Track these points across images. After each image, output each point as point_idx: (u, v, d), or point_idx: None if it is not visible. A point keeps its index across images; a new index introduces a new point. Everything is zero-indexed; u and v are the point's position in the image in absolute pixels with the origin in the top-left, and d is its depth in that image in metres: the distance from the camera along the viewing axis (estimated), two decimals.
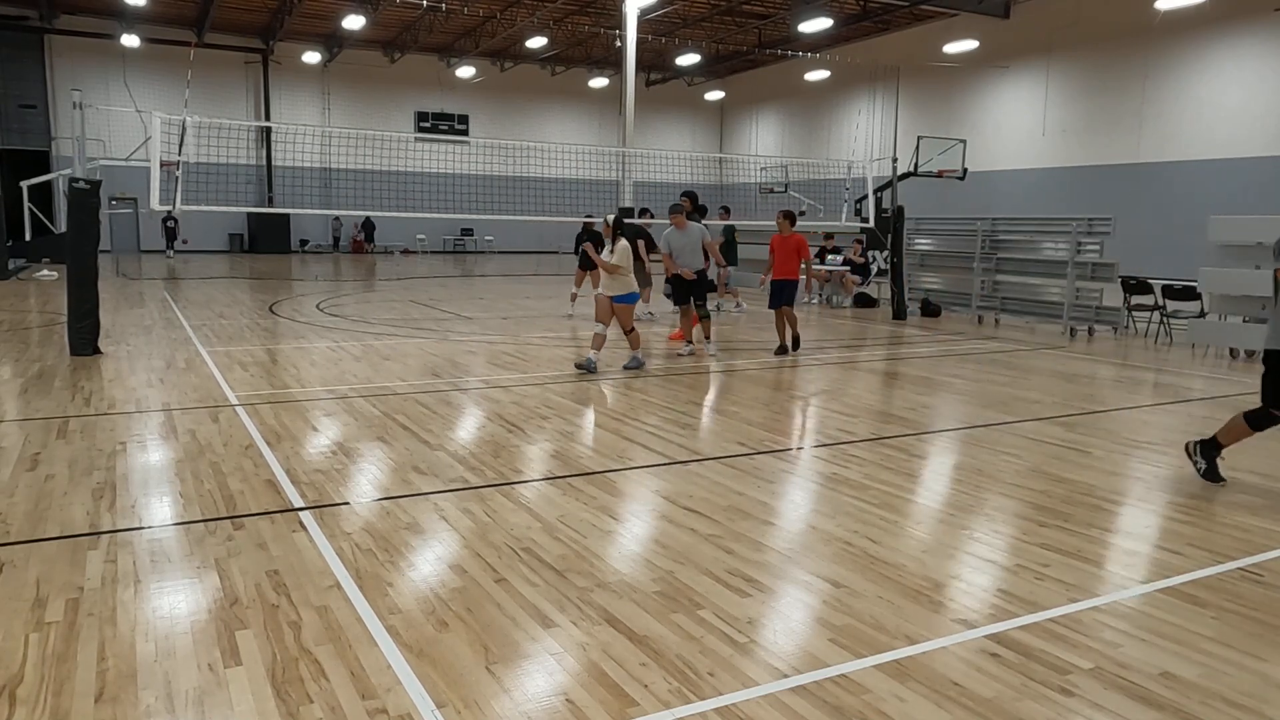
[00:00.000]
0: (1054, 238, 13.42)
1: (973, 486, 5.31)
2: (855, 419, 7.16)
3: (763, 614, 3.52)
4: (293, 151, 28.41)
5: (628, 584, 3.77)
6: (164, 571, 3.83)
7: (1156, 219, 22.59)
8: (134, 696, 2.83)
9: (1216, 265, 11.43)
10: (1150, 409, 7.84)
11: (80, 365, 8.95)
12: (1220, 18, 21.74)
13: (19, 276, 20.02)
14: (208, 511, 4.62)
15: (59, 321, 11.89)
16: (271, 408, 7.15)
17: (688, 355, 10.38)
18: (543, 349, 10.92)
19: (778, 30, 31.67)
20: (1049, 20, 25.97)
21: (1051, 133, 26.29)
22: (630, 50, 26.41)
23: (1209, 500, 5.12)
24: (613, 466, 5.63)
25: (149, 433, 6.25)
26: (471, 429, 6.68)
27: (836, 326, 14.12)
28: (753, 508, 4.83)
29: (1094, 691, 2.94)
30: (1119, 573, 4.00)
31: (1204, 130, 22.45)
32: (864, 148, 30.88)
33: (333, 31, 31.68)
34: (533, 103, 37.95)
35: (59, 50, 30.34)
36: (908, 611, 3.54)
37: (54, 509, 4.61)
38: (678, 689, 2.92)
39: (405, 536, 4.30)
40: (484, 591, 3.67)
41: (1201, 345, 11.64)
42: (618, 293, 9.22)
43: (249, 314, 13.89)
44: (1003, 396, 8.16)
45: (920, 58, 29.38)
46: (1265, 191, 20.60)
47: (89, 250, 9.58)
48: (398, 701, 2.82)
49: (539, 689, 2.92)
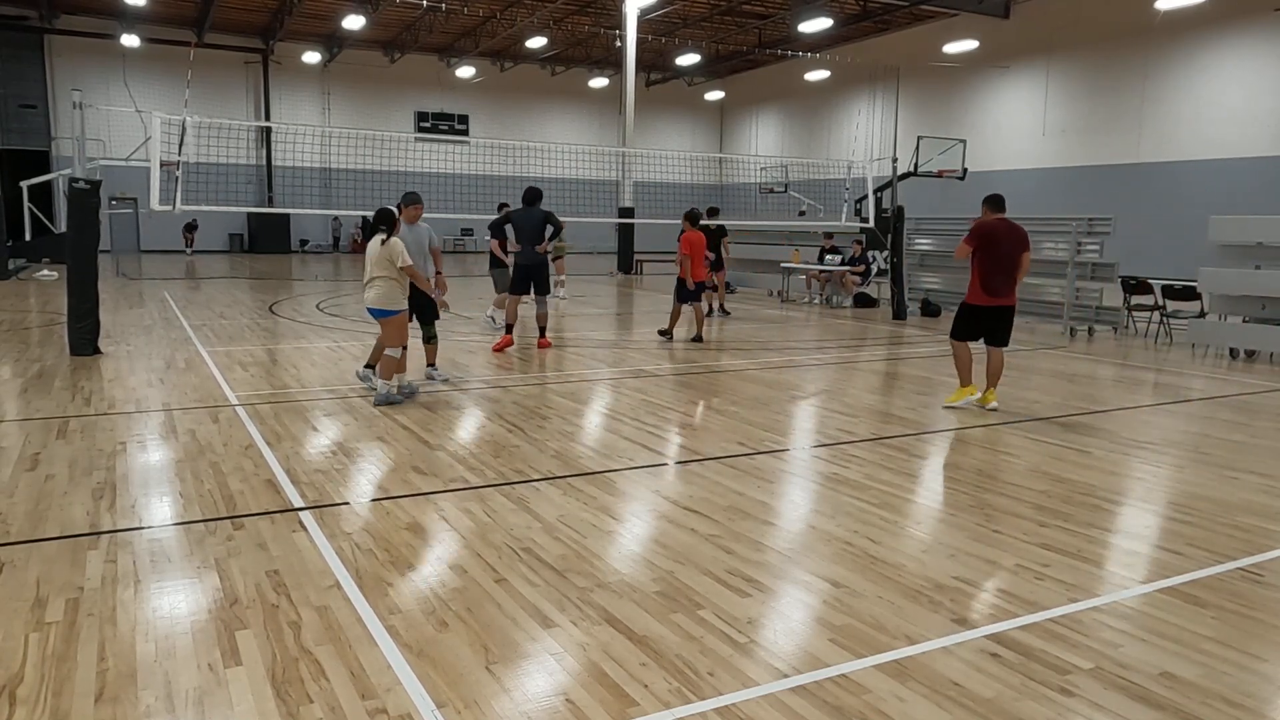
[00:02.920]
0: (1054, 238, 13.42)
1: (973, 486, 5.31)
2: (855, 419, 7.16)
3: (763, 614, 3.52)
4: (293, 151, 28.39)
5: (628, 584, 3.77)
6: (164, 571, 3.83)
7: (1156, 219, 22.59)
8: (134, 696, 2.83)
9: (1216, 265, 11.44)
10: (1150, 409, 7.84)
11: (80, 365, 8.95)
12: (1220, 18, 21.74)
13: (19, 276, 20.01)
14: (208, 511, 4.62)
15: (59, 321, 11.89)
16: (271, 408, 7.15)
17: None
18: (542, 348, 10.91)
19: (778, 30, 31.67)
20: (1049, 20, 25.97)
21: (1051, 133, 26.29)
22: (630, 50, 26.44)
23: (1209, 500, 5.12)
24: (613, 466, 5.63)
25: (149, 433, 6.25)
26: (471, 429, 6.67)
27: (836, 326, 14.12)
28: (753, 508, 4.82)
29: (1094, 691, 2.94)
30: (1119, 573, 4.00)
31: (1204, 130, 22.45)
32: (864, 148, 30.88)
33: (333, 31, 31.68)
34: (533, 103, 37.95)
35: (59, 50, 30.34)
36: (908, 611, 3.54)
37: (54, 509, 4.61)
38: (678, 689, 2.91)
39: (405, 536, 4.30)
40: (484, 591, 3.67)
41: (1201, 345, 11.64)
42: (373, 305, 7.26)
43: (249, 314, 13.89)
44: (1003, 396, 8.15)
45: (920, 58, 29.38)
46: (1265, 191, 20.61)
47: (89, 250, 9.58)
48: (398, 701, 2.82)
49: (539, 689, 2.92)
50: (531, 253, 10.21)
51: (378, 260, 7.13)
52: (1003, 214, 7.52)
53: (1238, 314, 11.28)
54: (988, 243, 7.35)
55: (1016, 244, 7.38)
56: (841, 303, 17.36)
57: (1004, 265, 7.37)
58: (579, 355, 10.42)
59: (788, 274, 18.62)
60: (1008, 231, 7.39)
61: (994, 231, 7.36)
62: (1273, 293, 10.69)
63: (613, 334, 12.36)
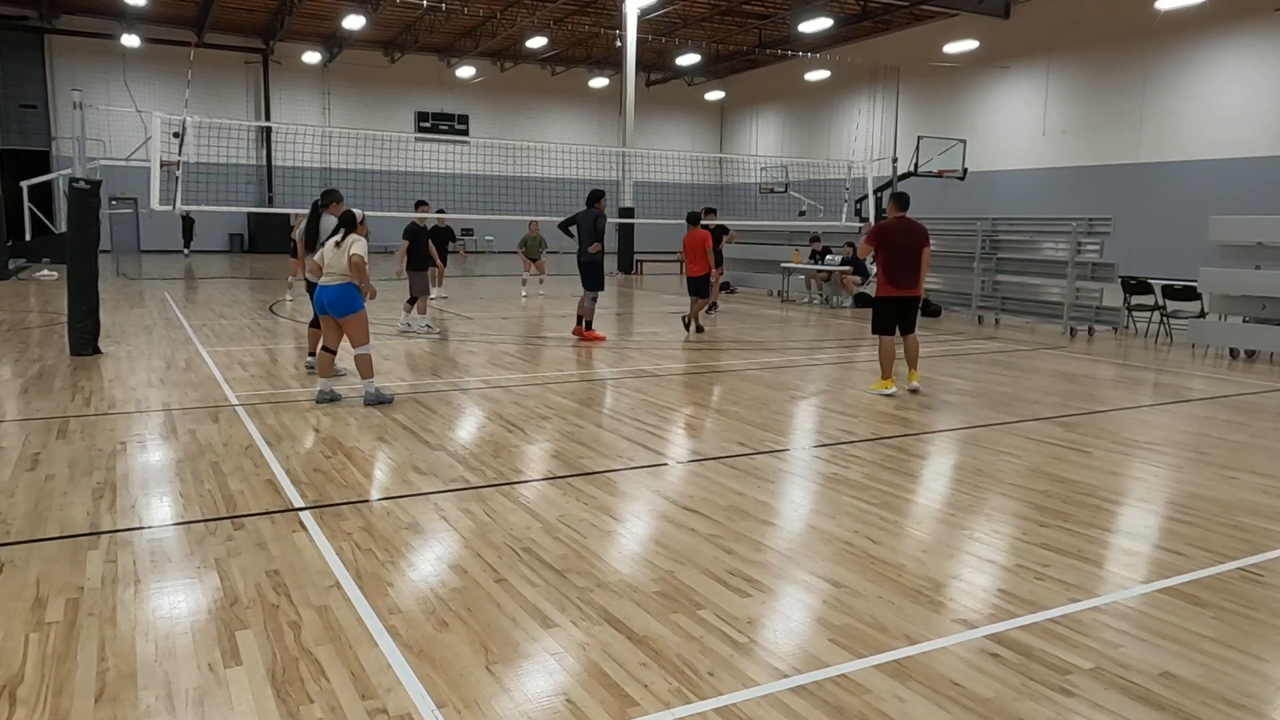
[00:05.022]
0: (1054, 238, 13.42)
1: (973, 486, 5.31)
2: (855, 419, 7.16)
3: (763, 614, 3.52)
4: (293, 151, 28.38)
5: (628, 584, 3.77)
6: (164, 571, 3.83)
7: (1156, 219, 22.59)
8: (134, 696, 2.83)
9: (1216, 265, 11.44)
10: (1150, 409, 7.84)
11: (80, 365, 8.95)
12: (1220, 18, 21.73)
13: (19, 276, 20.02)
14: (208, 511, 4.62)
15: (59, 321, 11.89)
16: (271, 408, 7.15)
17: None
18: (543, 349, 10.92)
19: (778, 30, 31.66)
20: (1049, 20, 25.96)
21: (1052, 133, 26.29)
22: (630, 50, 26.44)
23: (1209, 500, 5.12)
24: (613, 466, 5.63)
25: (149, 433, 6.25)
26: (471, 429, 6.68)
27: (837, 326, 14.12)
28: (753, 508, 4.82)
29: (1094, 691, 2.94)
30: (1119, 573, 4.00)
31: (1204, 130, 22.44)
32: (864, 148, 30.87)
33: (333, 31, 31.68)
34: (533, 103, 37.95)
35: (59, 50, 30.34)
36: (908, 611, 3.54)
37: (54, 509, 4.61)
38: (678, 689, 2.91)
39: (405, 536, 4.30)
40: (484, 591, 3.67)
41: (1201, 345, 11.64)
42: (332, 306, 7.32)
43: (249, 314, 13.89)
44: (1003, 396, 8.16)
45: (920, 58, 29.38)
46: (1265, 191, 20.60)
47: (89, 250, 9.58)
48: (398, 701, 2.82)
49: (539, 689, 2.92)
50: (584, 251, 11.27)
51: (336, 260, 7.25)
52: (904, 213, 8.20)
53: (1238, 314, 11.28)
54: (886, 240, 8.05)
55: (916, 240, 8.05)
56: (842, 303, 17.37)
57: (906, 259, 8.02)
58: (579, 355, 10.42)
59: (788, 274, 18.62)
60: (907, 229, 8.07)
61: (889, 230, 8.06)
62: (1273, 293, 10.69)
63: (613, 334, 12.35)
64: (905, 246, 8.01)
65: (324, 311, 7.31)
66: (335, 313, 7.27)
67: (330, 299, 7.23)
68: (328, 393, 7.43)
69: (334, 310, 7.25)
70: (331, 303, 7.23)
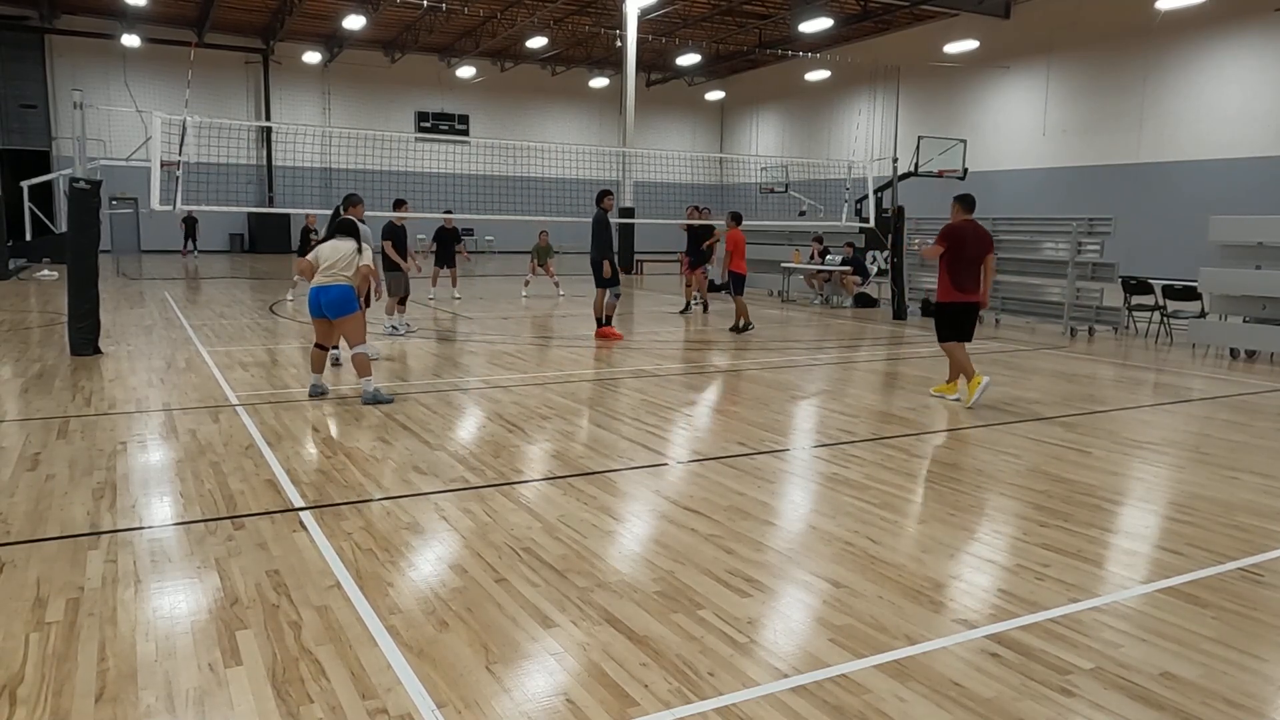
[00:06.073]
0: (1054, 238, 13.42)
1: (973, 486, 5.31)
2: (855, 419, 7.16)
3: (763, 614, 3.52)
4: (293, 151, 28.39)
5: (628, 584, 3.77)
6: (164, 571, 3.83)
7: (1157, 219, 22.59)
8: (134, 696, 2.83)
9: (1217, 265, 11.43)
10: (1150, 409, 7.84)
11: (80, 365, 8.96)
12: (1220, 18, 21.74)
13: (19, 276, 20.02)
14: (208, 511, 4.62)
15: (59, 321, 11.89)
16: (272, 408, 7.15)
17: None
18: (543, 349, 10.92)
19: (778, 30, 31.67)
20: (1049, 20, 25.97)
21: (1052, 133, 26.30)
22: (630, 50, 26.46)
23: (1209, 500, 5.12)
24: (613, 466, 5.63)
25: (149, 433, 6.25)
26: (471, 429, 6.68)
27: (836, 326, 14.12)
28: (753, 508, 4.82)
29: (1094, 691, 2.94)
30: (1119, 573, 4.00)
31: (1204, 130, 22.45)
32: (864, 148, 30.88)
33: (333, 31, 31.69)
34: (533, 103, 37.96)
35: (59, 50, 30.35)
36: (908, 611, 3.54)
37: (54, 509, 4.61)
38: (678, 689, 2.91)
39: (405, 536, 4.30)
40: (484, 591, 3.67)
41: (1202, 345, 11.64)
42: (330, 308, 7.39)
43: (249, 314, 13.89)
44: (1003, 396, 8.15)
45: (920, 58, 29.39)
46: (1265, 191, 20.60)
47: (89, 250, 9.58)
48: (398, 701, 2.82)
49: (539, 689, 2.92)
50: (594, 250, 11.56)
51: (340, 260, 7.36)
52: (970, 215, 7.84)
53: (1238, 314, 11.28)
54: (957, 243, 7.67)
55: (983, 245, 7.72)
56: (842, 303, 17.36)
57: (973, 264, 7.70)
58: (579, 355, 10.41)
59: (788, 274, 18.62)
60: (976, 232, 7.73)
61: (962, 233, 7.69)
62: (1273, 293, 10.69)
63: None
64: (973, 250, 7.64)
65: (320, 314, 7.39)
66: (332, 314, 7.34)
67: (329, 300, 7.30)
68: (320, 388, 7.61)
69: (331, 311, 7.33)
70: (330, 304, 7.30)
